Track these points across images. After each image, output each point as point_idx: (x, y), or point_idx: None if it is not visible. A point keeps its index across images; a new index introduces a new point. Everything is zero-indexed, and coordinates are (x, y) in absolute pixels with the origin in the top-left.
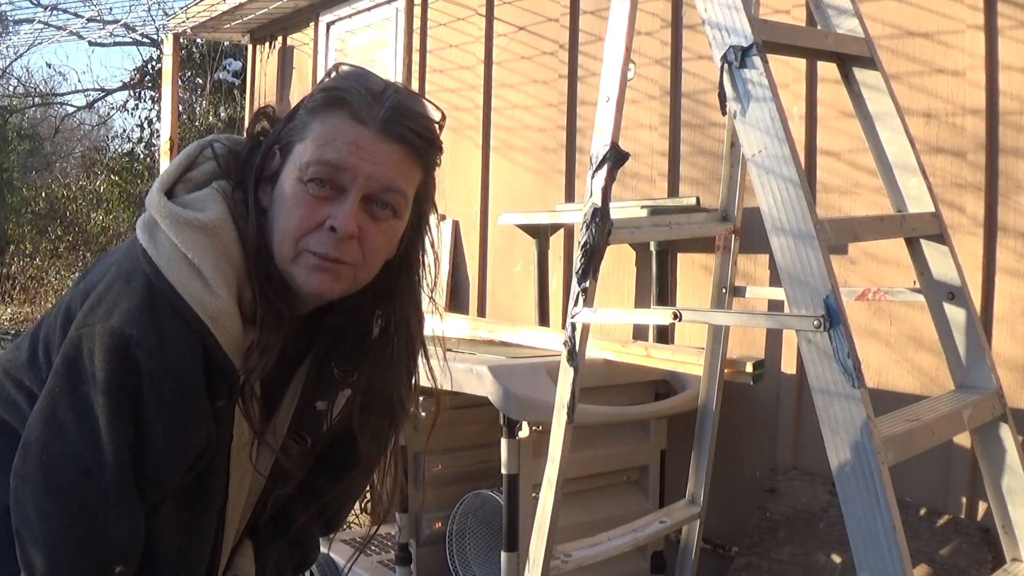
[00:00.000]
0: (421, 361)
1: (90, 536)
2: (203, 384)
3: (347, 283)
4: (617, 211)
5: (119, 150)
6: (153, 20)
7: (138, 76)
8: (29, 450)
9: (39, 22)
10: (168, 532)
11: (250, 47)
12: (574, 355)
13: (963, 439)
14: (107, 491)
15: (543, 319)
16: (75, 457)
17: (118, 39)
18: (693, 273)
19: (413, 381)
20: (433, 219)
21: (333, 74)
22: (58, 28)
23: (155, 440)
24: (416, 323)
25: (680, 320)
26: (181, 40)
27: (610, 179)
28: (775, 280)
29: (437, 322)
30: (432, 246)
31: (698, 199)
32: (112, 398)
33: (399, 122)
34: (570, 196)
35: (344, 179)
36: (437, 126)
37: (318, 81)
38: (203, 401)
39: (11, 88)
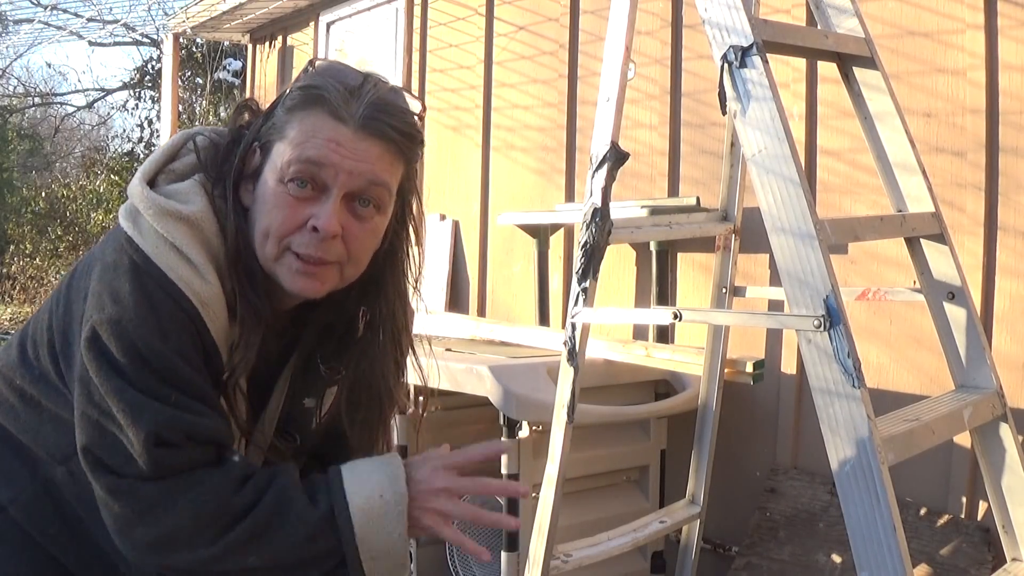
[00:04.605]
0: (410, 355)
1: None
2: (203, 364)
3: (333, 283)
4: (617, 211)
5: (119, 150)
6: (153, 20)
7: (138, 76)
8: (80, 456)
9: (39, 22)
10: None
11: (250, 47)
12: (574, 355)
13: (963, 439)
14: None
15: (543, 319)
16: (114, 445)
17: (118, 39)
18: (693, 273)
19: (402, 372)
20: (416, 206)
21: (309, 70)
22: (58, 28)
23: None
24: (402, 314)
25: (680, 320)
26: (181, 40)
27: (610, 179)
28: (775, 280)
29: (422, 313)
30: (416, 234)
31: (698, 199)
32: (135, 380)
33: (378, 118)
34: (570, 196)
35: (325, 177)
36: (417, 118)
37: (295, 78)
38: (206, 377)
39: (11, 88)
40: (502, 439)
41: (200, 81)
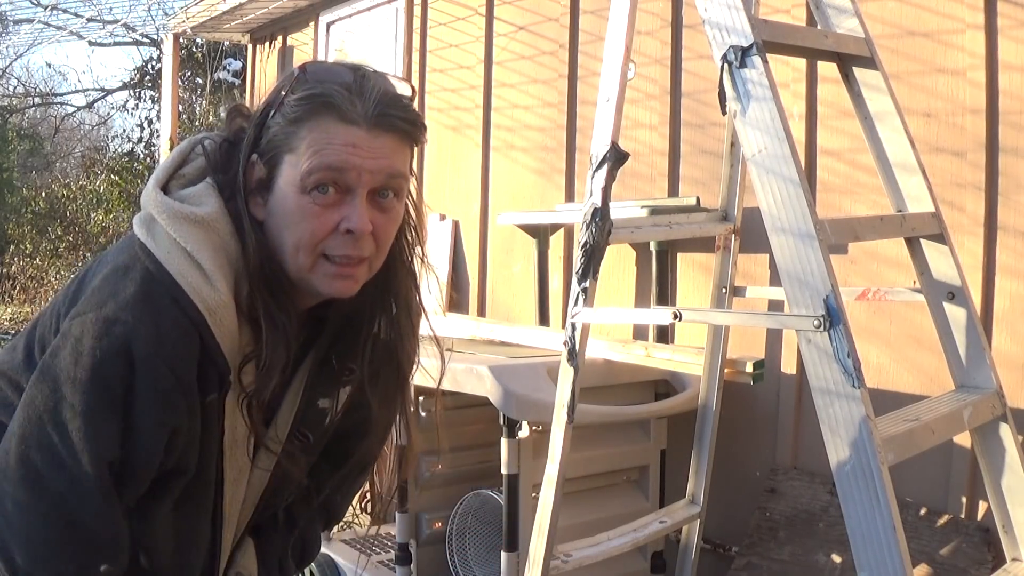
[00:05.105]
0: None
1: (68, 531)
2: (195, 377)
3: (364, 278)
4: (617, 211)
5: (119, 150)
6: (153, 20)
7: (138, 76)
8: (11, 441)
9: (39, 22)
10: (161, 533)
11: (250, 47)
12: (574, 355)
13: (963, 439)
14: (83, 485)
15: (543, 319)
16: (51, 447)
17: (118, 39)
18: (693, 273)
19: (417, 335)
20: (413, 183)
21: (301, 77)
22: (58, 28)
23: (139, 431)
24: (411, 281)
25: (680, 320)
26: (181, 40)
27: (610, 179)
28: (775, 280)
29: (433, 282)
30: (417, 209)
31: (698, 199)
32: (97, 387)
33: (388, 113)
34: (570, 196)
35: (348, 180)
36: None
37: (279, 87)
38: (194, 395)
39: (11, 88)
40: (502, 439)
41: (200, 81)
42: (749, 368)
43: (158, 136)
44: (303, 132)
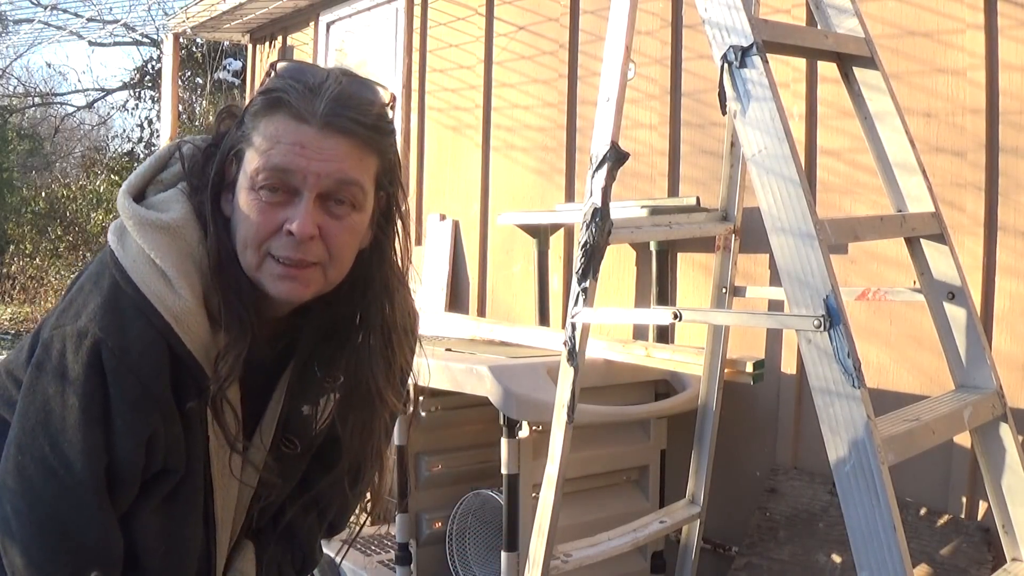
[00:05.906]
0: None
1: (61, 538)
2: (167, 385)
3: (317, 285)
4: (617, 211)
5: (119, 150)
6: (153, 20)
7: (138, 76)
8: (9, 449)
9: (39, 22)
10: (151, 537)
11: (250, 47)
12: (574, 355)
13: (963, 439)
14: (74, 493)
15: (543, 319)
16: (43, 458)
17: (118, 39)
18: (693, 273)
19: (394, 372)
20: (401, 200)
21: (272, 74)
22: (58, 28)
23: (118, 439)
24: (391, 311)
25: (680, 320)
26: (181, 40)
27: (610, 179)
28: (775, 280)
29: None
30: (404, 230)
31: (698, 199)
32: (83, 400)
33: (341, 114)
34: (570, 196)
35: (295, 181)
36: (388, 108)
37: (261, 82)
38: (167, 402)
39: (11, 88)
40: (502, 439)
41: (200, 81)
42: (749, 368)
43: (158, 136)
44: (260, 128)
